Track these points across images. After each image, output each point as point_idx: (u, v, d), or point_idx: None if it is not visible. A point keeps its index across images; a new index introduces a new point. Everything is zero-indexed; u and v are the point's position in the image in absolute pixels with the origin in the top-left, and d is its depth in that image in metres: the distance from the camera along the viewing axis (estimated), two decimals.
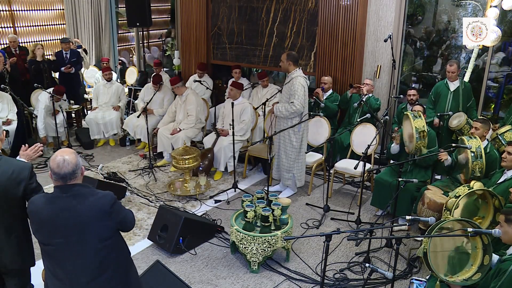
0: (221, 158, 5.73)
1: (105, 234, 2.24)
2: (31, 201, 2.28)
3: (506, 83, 6.57)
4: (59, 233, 2.18)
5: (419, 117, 4.35)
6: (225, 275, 3.88)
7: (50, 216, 2.18)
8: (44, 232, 2.22)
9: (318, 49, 6.50)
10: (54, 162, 2.19)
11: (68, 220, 2.17)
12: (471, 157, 3.93)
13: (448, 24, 6.90)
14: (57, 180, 2.21)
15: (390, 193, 4.33)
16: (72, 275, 2.21)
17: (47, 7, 9.04)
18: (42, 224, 2.20)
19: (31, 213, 2.25)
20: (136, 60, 9.19)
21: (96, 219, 2.20)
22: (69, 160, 2.20)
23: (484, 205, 3.47)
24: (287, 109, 4.90)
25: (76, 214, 2.18)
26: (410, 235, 4.20)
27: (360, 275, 3.88)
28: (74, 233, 2.18)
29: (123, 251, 2.39)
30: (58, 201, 2.20)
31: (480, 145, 3.96)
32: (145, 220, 4.75)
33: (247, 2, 7.10)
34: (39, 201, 2.24)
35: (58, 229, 2.18)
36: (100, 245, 2.22)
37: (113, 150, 6.88)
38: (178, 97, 6.28)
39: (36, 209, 2.22)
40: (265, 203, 4.05)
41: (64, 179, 2.20)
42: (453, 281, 2.83)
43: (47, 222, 2.19)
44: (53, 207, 2.19)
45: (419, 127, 4.29)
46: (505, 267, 2.58)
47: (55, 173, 2.19)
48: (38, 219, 2.22)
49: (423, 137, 4.29)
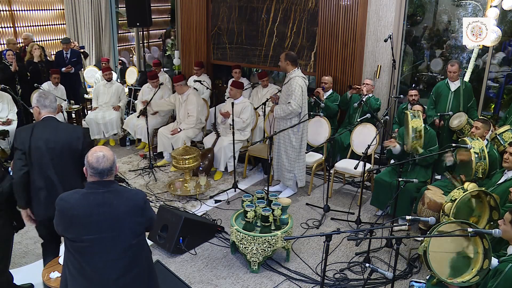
0: (221, 158, 5.73)
1: (138, 230, 2.27)
2: (61, 198, 2.22)
3: (506, 83, 6.57)
4: (93, 229, 2.17)
5: (417, 117, 4.35)
6: (225, 275, 3.88)
7: (85, 212, 2.16)
8: (76, 228, 2.17)
9: (318, 49, 6.50)
10: (93, 157, 2.19)
11: (103, 216, 2.17)
12: (475, 158, 3.93)
13: (448, 24, 6.90)
14: (93, 176, 2.21)
15: (390, 193, 4.33)
16: (102, 272, 2.20)
17: (47, 7, 9.04)
18: (75, 220, 2.17)
19: (62, 210, 2.19)
20: (136, 60, 9.19)
21: (132, 214, 2.23)
22: (108, 156, 2.22)
23: (478, 204, 3.47)
24: (284, 110, 4.90)
25: (113, 209, 2.19)
26: (410, 235, 4.22)
27: (360, 275, 3.88)
28: (109, 228, 2.18)
29: (147, 250, 2.41)
30: (94, 196, 2.19)
31: (483, 146, 3.96)
32: None
33: (247, 2, 7.10)
34: (71, 198, 2.20)
35: (92, 225, 2.16)
36: (134, 241, 2.24)
37: (113, 150, 6.83)
38: (179, 96, 6.28)
39: (69, 205, 2.18)
40: (265, 203, 4.05)
41: (102, 175, 2.21)
42: (451, 282, 2.84)
43: (81, 218, 2.16)
44: (88, 202, 2.18)
45: (416, 126, 4.29)
46: (502, 267, 2.59)
47: (94, 168, 2.19)
48: (70, 216, 2.17)
49: (419, 137, 4.28)
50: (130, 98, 7.78)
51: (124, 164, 6.30)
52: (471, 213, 3.44)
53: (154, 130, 6.54)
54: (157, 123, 6.62)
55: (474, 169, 3.94)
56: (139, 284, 2.32)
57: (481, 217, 3.42)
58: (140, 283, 2.32)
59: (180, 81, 6.14)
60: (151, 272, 2.41)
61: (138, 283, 2.31)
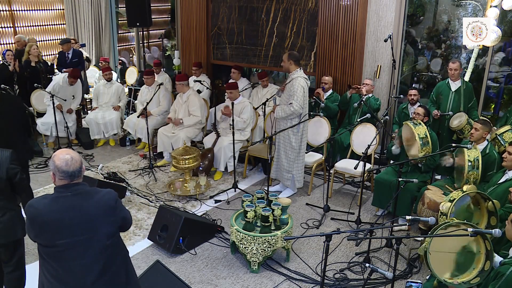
0: (221, 158, 5.73)
1: (111, 230, 2.25)
2: (30, 205, 2.19)
3: (506, 83, 6.57)
4: (65, 233, 2.14)
5: (419, 124, 4.40)
6: (225, 275, 3.88)
7: (56, 216, 2.14)
8: (48, 234, 2.15)
9: (318, 49, 6.50)
10: (61, 161, 2.17)
11: (75, 219, 2.15)
12: (468, 167, 3.93)
13: (448, 24, 6.90)
14: (63, 179, 2.18)
15: (390, 193, 4.32)
16: (78, 276, 2.19)
17: (47, 7, 9.04)
18: (46, 226, 2.14)
19: (31, 217, 2.16)
20: (136, 60, 9.19)
21: (103, 215, 2.21)
22: (76, 158, 2.21)
23: (477, 211, 3.46)
24: (285, 111, 4.89)
25: (84, 212, 2.17)
26: (410, 235, 4.22)
27: (360, 275, 3.88)
28: (82, 231, 2.16)
29: (123, 250, 2.39)
30: (63, 200, 2.17)
31: (479, 156, 3.96)
32: (145, 220, 4.75)
33: (247, 2, 7.10)
34: (40, 204, 2.17)
35: (64, 229, 2.14)
36: (108, 242, 2.22)
37: (113, 150, 6.88)
38: (179, 97, 6.27)
39: (38, 212, 2.15)
40: (265, 203, 4.05)
41: (72, 177, 2.19)
42: (451, 283, 2.83)
43: (52, 223, 2.14)
44: (58, 207, 2.15)
45: (420, 133, 4.30)
46: (504, 270, 2.58)
47: (64, 171, 2.16)
48: (40, 222, 2.14)
49: (427, 143, 4.30)
50: (130, 98, 7.77)
51: (124, 164, 6.30)
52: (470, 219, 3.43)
53: (154, 130, 6.54)
54: (157, 123, 6.62)
55: (465, 177, 3.95)
56: (116, 286, 2.30)
57: (479, 225, 3.41)
58: (118, 283, 2.30)
59: (183, 80, 6.14)
60: (128, 272, 2.39)
61: (116, 285, 2.30)
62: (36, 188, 5.45)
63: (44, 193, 5.33)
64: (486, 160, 4.08)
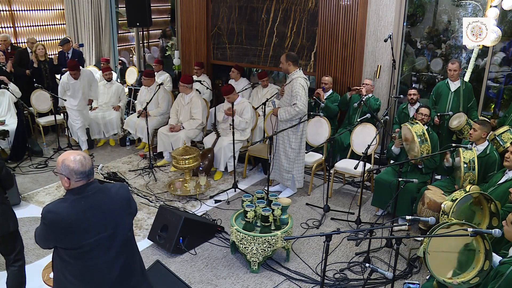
0: (221, 158, 5.73)
1: (130, 221, 2.30)
2: (48, 211, 2.10)
3: (506, 83, 6.57)
4: (91, 232, 2.13)
5: (416, 123, 4.42)
6: (225, 275, 3.88)
7: (79, 218, 2.10)
8: (73, 236, 2.10)
9: (318, 49, 6.50)
10: (76, 163, 2.13)
11: (98, 216, 2.15)
12: (464, 168, 3.93)
13: (448, 24, 6.90)
14: (80, 180, 2.15)
15: (390, 193, 4.33)
16: (104, 272, 2.19)
17: (47, 7, 9.04)
18: (70, 229, 2.09)
19: (53, 223, 2.09)
20: (136, 60, 9.19)
21: (122, 208, 2.24)
22: (86, 156, 2.21)
23: (479, 211, 3.46)
24: (289, 113, 4.87)
25: (105, 208, 2.18)
26: (410, 235, 4.22)
27: (360, 275, 3.88)
28: (106, 227, 2.17)
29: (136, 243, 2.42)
30: (84, 201, 2.15)
31: (475, 157, 3.96)
32: (145, 220, 4.75)
33: (247, 2, 7.10)
34: (60, 208, 2.11)
35: (89, 229, 2.12)
36: (129, 234, 2.27)
37: (113, 150, 6.88)
38: (181, 98, 6.26)
39: (60, 216, 2.08)
40: (265, 203, 4.05)
41: (90, 176, 2.18)
42: (450, 283, 2.83)
43: (76, 225, 2.10)
44: (80, 208, 2.12)
45: (418, 131, 4.31)
46: (503, 270, 2.57)
47: (81, 172, 2.13)
48: (63, 226, 2.08)
49: (426, 140, 4.30)
50: (130, 98, 7.78)
51: (124, 164, 6.30)
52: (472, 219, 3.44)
53: (154, 130, 6.54)
54: (157, 123, 6.61)
55: (462, 179, 3.95)
56: (136, 276, 2.33)
57: (480, 225, 3.41)
58: (137, 274, 2.33)
59: (188, 83, 6.11)
60: (141, 261, 2.43)
61: (136, 275, 2.32)
62: (36, 188, 5.46)
63: (44, 193, 5.33)
64: (486, 160, 4.08)
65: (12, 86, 6.40)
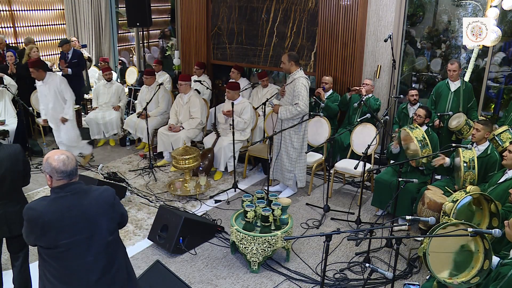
0: (221, 158, 5.73)
1: (112, 227, 2.25)
2: (29, 208, 2.15)
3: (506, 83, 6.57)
4: (67, 232, 2.13)
5: (416, 128, 4.43)
6: (225, 275, 3.88)
7: (57, 217, 2.12)
8: (50, 235, 2.12)
9: (318, 49, 6.50)
10: (58, 161, 2.16)
11: (76, 218, 2.14)
12: (464, 167, 3.93)
13: (448, 24, 6.90)
14: (61, 179, 2.17)
15: (390, 193, 4.33)
16: (82, 274, 2.18)
17: (47, 7, 9.04)
18: (47, 227, 2.11)
19: (31, 220, 2.13)
20: (136, 60, 9.19)
21: (103, 212, 2.22)
22: (70, 156, 2.21)
23: (478, 211, 3.46)
24: (291, 112, 4.87)
25: (84, 210, 2.17)
26: (410, 235, 4.22)
27: (360, 275, 3.88)
28: (84, 230, 2.16)
29: (122, 247, 2.40)
30: (62, 200, 2.16)
31: (474, 156, 3.96)
32: (145, 220, 4.75)
33: (247, 2, 7.10)
34: (39, 205, 2.14)
35: (66, 229, 2.13)
36: (110, 238, 2.23)
37: (113, 150, 6.88)
38: (179, 98, 6.27)
39: (38, 213, 2.11)
40: (265, 203, 4.04)
41: (71, 176, 2.18)
42: (450, 283, 2.83)
43: (53, 224, 2.12)
44: (58, 207, 2.14)
45: (418, 136, 4.31)
46: (505, 271, 2.57)
47: (62, 171, 2.16)
48: (41, 224, 2.11)
49: (426, 145, 4.30)
50: (130, 98, 7.78)
51: (124, 164, 6.30)
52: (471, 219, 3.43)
53: (154, 130, 6.54)
54: (157, 123, 6.62)
55: (462, 178, 3.94)
56: (119, 283, 2.30)
57: (480, 225, 3.41)
58: (120, 281, 2.31)
59: (187, 80, 6.14)
60: (128, 267, 2.40)
61: (118, 282, 2.30)
62: (36, 188, 5.46)
63: (44, 193, 5.33)
64: (487, 161, 4.08)
65: (8, 79, 6.36)
